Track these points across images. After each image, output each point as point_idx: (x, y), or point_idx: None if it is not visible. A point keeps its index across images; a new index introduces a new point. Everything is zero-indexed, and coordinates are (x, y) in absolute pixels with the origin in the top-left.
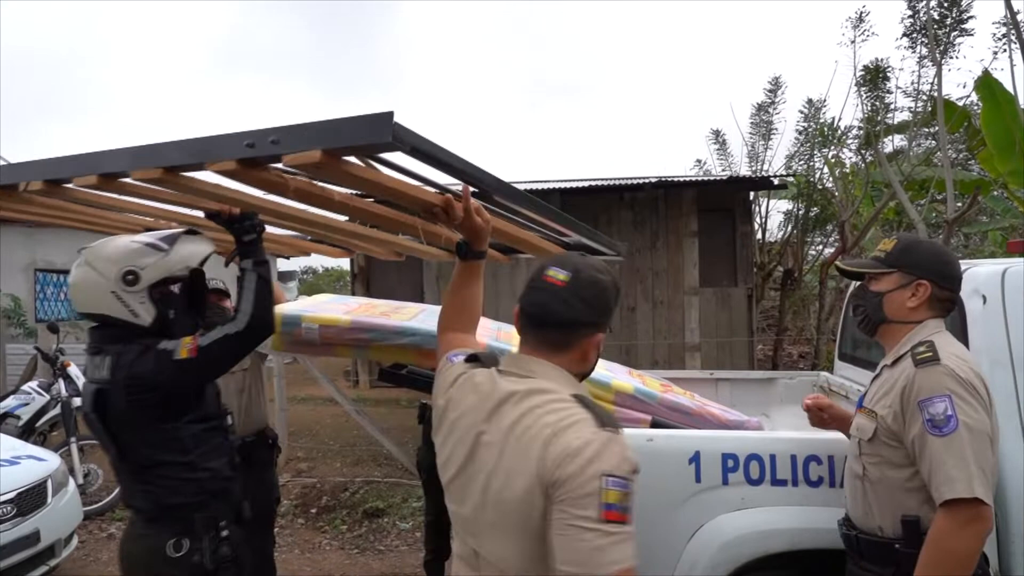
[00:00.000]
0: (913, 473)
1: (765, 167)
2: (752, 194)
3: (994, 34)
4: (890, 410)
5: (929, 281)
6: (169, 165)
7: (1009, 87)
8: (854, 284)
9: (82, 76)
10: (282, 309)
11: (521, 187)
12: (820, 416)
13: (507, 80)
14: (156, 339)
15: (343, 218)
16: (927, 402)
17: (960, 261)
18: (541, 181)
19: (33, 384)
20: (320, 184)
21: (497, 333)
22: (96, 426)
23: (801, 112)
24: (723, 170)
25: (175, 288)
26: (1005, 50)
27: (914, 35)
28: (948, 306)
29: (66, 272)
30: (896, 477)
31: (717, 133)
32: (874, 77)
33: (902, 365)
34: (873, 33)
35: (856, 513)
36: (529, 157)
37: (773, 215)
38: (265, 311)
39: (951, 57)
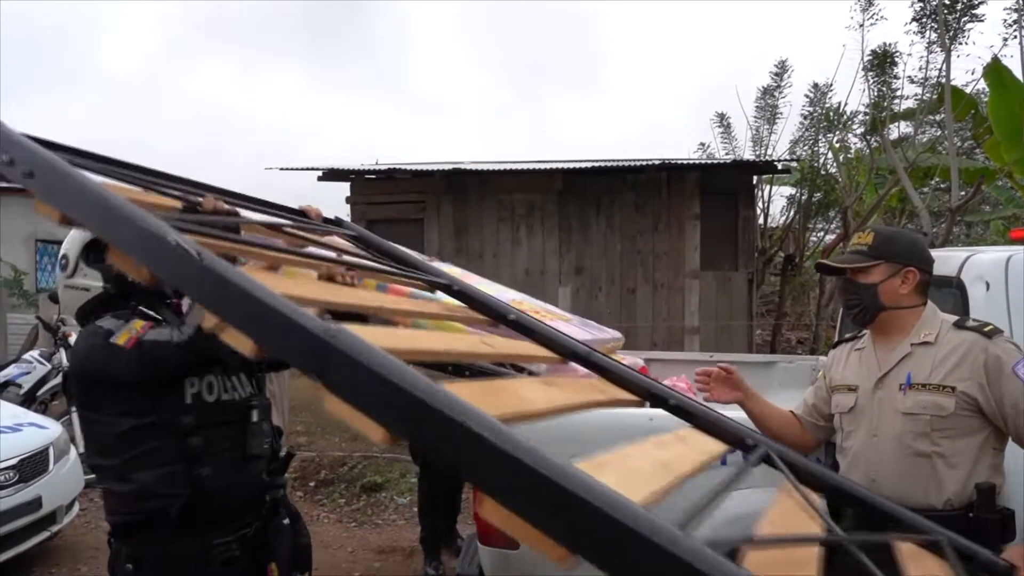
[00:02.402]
0: (984, 438)
1: (769, 151)
2: (755, 178)
3: (1004, 20)
4: (972, 381)
5: (915, 268)
6: None
7: (1018, 74)
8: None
9: (61, 41)
10: None
11: (522, 167)
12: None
13: (504, 58)
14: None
15: None
16: (1019, 365)
17: (963, 248)
18: (543, 161)
19: (35, 353)
20: None
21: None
22: None
23: (807, 97)
24: (727, 154)
25: None
26: (1015, 36)
27: (923, 20)
28: (927, 288)
29: None
30: (970, 446)
31: (722, 116)
32: (882, 62)
33: (950, 339)
34: (882, 17)
35: (913, 491)
36: (530, 137)
37: (776, 200)
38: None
39: (960, 43)
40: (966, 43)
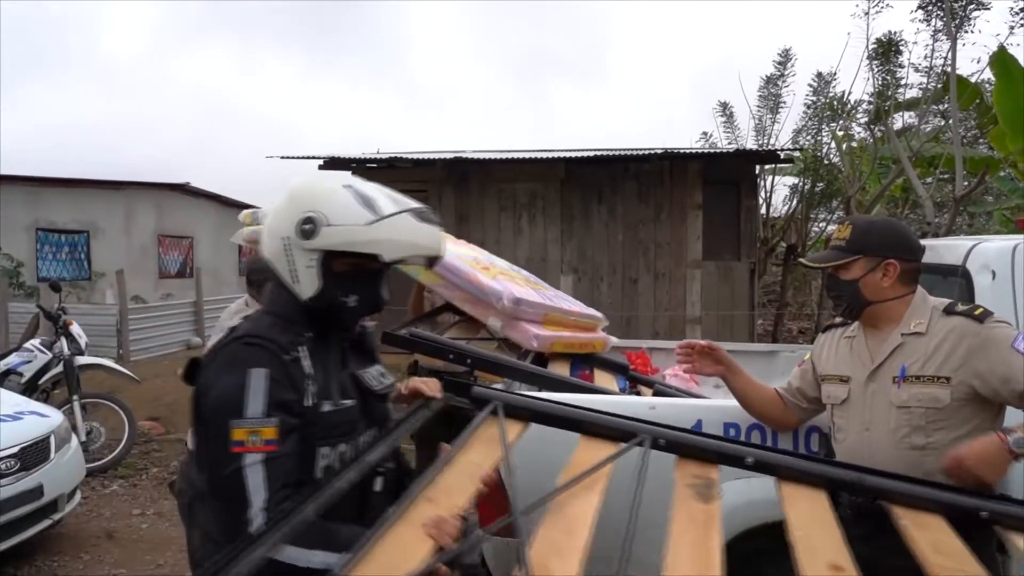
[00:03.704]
0: (978, 424)
1: (772, 141)
2: (758, 168)
3: (1011, 8)
4: (966, 368)
5: (895, 259)
6: None
7: None
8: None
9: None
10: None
11: (524, 156)
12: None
13: (507, 51)
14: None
15: None
16: (1018, 341)
17: (969, 237)
18: (545, 150)
19: (35, 342)
20: None
21: (493, 269)
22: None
23: (810, 86)
24: (729, 143)
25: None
26: (1022, 25)
27: (929, 8)
28: (917, 275)
29: (67, 232)
30: (966, 435)
31: (724, 106)
32: (886, 51)
33: (941, 326)
34: (888, 5)
35: None
36: (532, 130)
37: (778, 189)
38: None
39: (966, 31)
40: (972, 31)
